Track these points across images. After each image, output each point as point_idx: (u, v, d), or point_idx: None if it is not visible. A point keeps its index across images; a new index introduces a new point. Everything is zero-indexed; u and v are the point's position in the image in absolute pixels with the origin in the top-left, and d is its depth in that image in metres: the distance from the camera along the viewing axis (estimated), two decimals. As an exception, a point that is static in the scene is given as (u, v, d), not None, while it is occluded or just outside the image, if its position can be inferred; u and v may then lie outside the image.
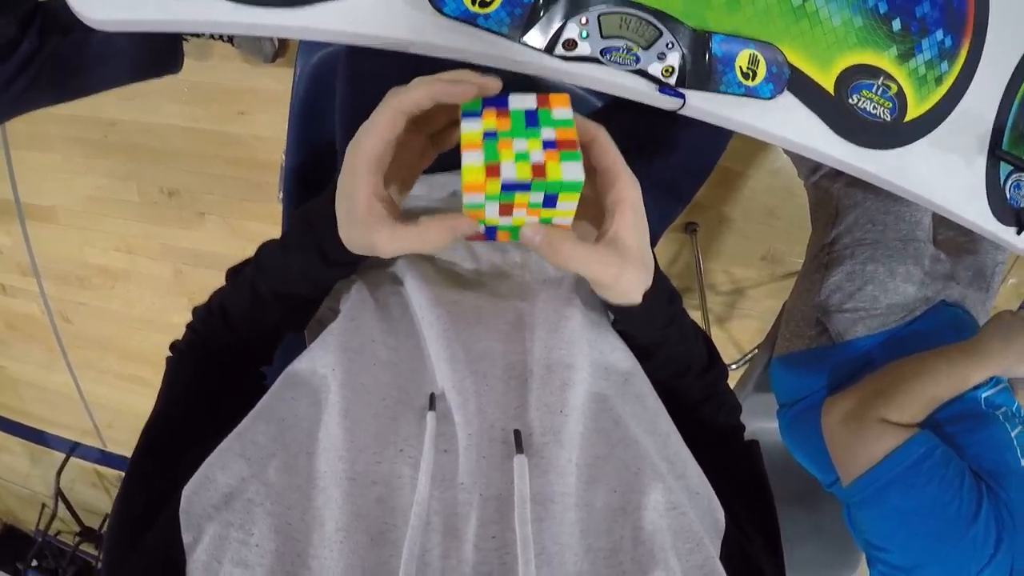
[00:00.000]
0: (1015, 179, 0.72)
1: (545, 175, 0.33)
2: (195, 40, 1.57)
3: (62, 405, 2.66)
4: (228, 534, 0.32)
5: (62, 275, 2.25)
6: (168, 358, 0.50)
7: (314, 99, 0.83)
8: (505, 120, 0.35)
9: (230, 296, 0.50)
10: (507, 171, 0.33)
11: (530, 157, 0.33)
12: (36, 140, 1.92)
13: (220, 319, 0.49)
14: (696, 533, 0.34)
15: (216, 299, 0.50)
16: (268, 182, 1.84)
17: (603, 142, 0.37)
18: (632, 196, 0.37)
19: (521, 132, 0.34)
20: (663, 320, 0.46)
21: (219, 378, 0.49)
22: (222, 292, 0.50)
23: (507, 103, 0.36)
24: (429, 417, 0.37)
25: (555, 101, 0.36)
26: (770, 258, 1.80)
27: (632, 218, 0.37)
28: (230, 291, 0.50)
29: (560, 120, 0.35)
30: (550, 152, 0.34)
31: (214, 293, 0.51)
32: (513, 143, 0.34)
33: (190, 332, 0.51)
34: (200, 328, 0.51)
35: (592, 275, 0.38)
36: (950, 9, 0.59)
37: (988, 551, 0.72)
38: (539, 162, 0.33)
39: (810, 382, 1.03)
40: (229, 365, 0.50)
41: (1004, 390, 0.93)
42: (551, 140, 0.34)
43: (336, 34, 0.50)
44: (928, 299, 1.00)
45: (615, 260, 0.37)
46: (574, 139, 0.34)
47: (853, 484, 0.84)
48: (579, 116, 0.37)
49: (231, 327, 0.49)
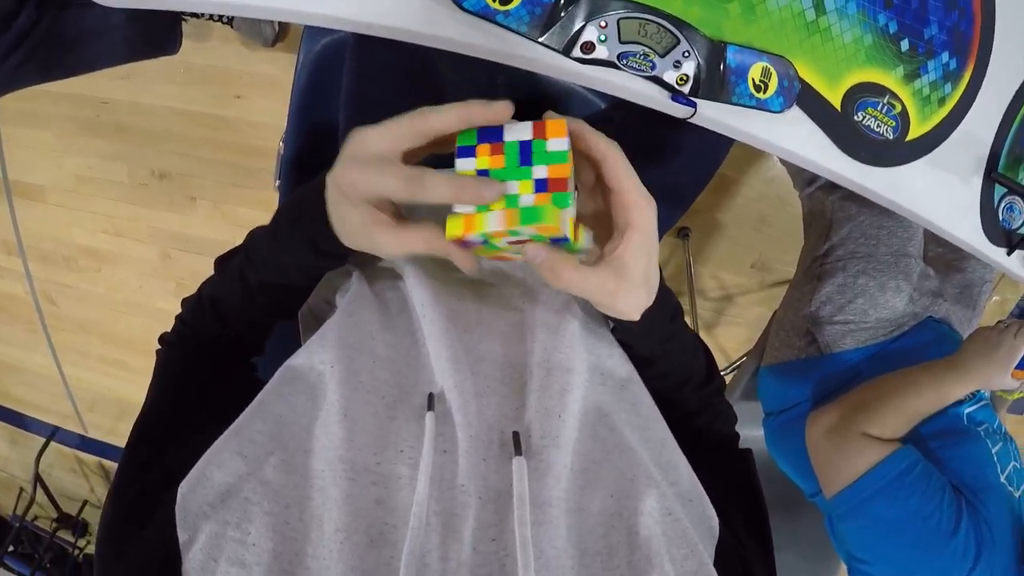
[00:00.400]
0: (1008, 201, 0.74)
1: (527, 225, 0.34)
2: (194, 21, 1.55)
3: (43, 388, 2.61)
4: (225, 533, 0.31)
5: (48, 255, 2.20)
6: (158, 351, 0.49)
7: (317, 87, 0.82)
8: (499, 157, 0.35)
9: (219, 287, 0.49)
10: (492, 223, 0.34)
11: (519, 201, 0.34)
12: (27, 117, 1.88)
13: (210, 311, 0.48)
14: (690, 539, 0.35)
15: (206, 290, 0.49)
16: (261, 168, 1.82)
17: (614, 162, 0.36)
18: (642, 221, 0.37)
19: (514, 171, 0.35)
20: (662, 335, 0.46)
21: (210, 368, 0.49)
22: (211, 283, 0.50)
23: (502, 135, 0.35)
24: (428, 418, 0.37)
25: (551, 130, 0.35)
26: (760, 266, 1.82)
27: (639, 241, 0.37)
28: (219, 282, 0.49)
29: (555, 154, 0.35)
30: (540, 196, 0.34)
31: (203, 283, 0.50)
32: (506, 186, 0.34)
33: (179, 324, 0.50)
34: (190, 320, 0.50)
35: (590, 298, 0.38)
36: (957, 32, 0.60)
37: (967, 565, 0.74)
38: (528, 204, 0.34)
39: (797, 392, 1.05)
40: (220, 355, 0.50)
41: (986, 407, 0.95)
42: (543, 179, 0.34)
43: (350, 22, 0.49)
44: (916, 315, 1.02)
45: (612, 285, 0.37)
46: (566, 177, 0.34)
47: (836, 497, 0.85)
48: (592, 133, 0.36)
49: (221, 318, 0.48)
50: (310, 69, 0.81)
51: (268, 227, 0.45)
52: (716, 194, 1.70)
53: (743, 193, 1.69)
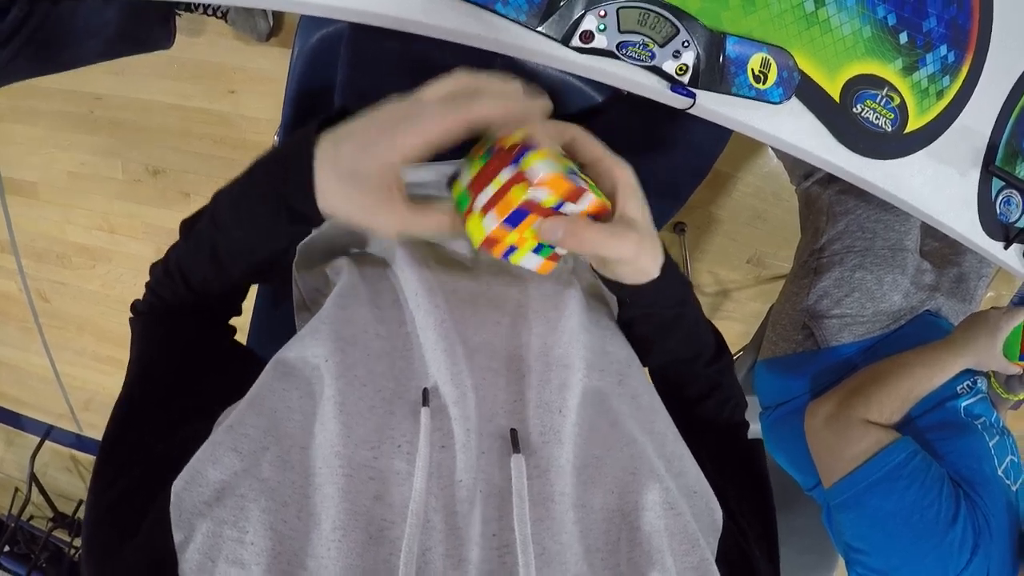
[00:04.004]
0: (1006, 194, 0.74)
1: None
2: (188, 15, 1.54)
3: (37, 387, 2.59)
4: (222, 532, 0.30)
5: (42, 253, 2.18)
6: (131, 319, 0.48)
7: (311, 79, 0.81)
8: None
9: (187, 257, 0.46)
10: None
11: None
12: (19, 113, 1.86)
13: (180, 279, 0.46)
14: (692, 534, 0.35)
15: (173, 259, 0.47)
16: (256, 164, 1.81)
17: (581, 138, 0.39)
18: (626, 176, 0.39)
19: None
20: (679, 295, 0.46)
21: (185, 335, 0.47)
22: (178, 250, 0.47)
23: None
24: (423, 413, 0.36)
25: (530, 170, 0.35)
26: (755, 261, 1.82)
27: (633, 195, 0.39)
28: (187, 249, 0.46)
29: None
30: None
31: (170, 249, 0.47)
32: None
33: (149, 293, 0.48)
34: (158, 288, 0.48)
35: (615, 253, 0.38)
36: (955, 26, 0.60)
37: (965, 556, 0.74)
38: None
39: (794, 386, 1.05)
40: (195, 322, 0.48)
41: (983, 400, 0.95)
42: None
43: (349, 11, 0.49)
44: (913, 308, 1.02)
45: (632, 235, 0.38)
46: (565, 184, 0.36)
47: (834, 486, 0.86)
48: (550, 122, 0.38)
49: (191, 288, 0.46)
50: (305, 63, 0.80)
51: (234, 189, 0.43)
52: (712, 190, 1.70)
53: (739, 188, 1.69)
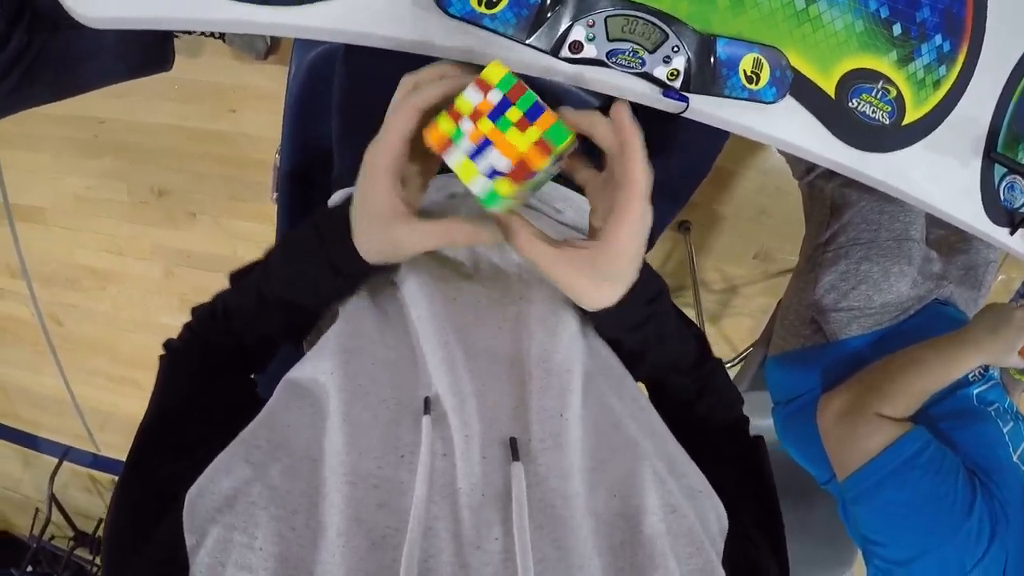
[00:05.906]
0: (1009, 181, 0.73)
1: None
2: (186, 37, 1.55)
3: (53, 408, 2.62)
4: (231, 537, 0.32)
5: (51, 276, 2.21)
6: (161, 356, 0.49)
7: (310, 97, 0.82)
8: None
9: (234, 299, 0.50)
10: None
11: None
12: (25, 139, 1.89)
13: (223, 321, 0.49)
14: (696, 536, 0.35)
15: (220, 301, 0.50)
16: (259, 181, 1.82)
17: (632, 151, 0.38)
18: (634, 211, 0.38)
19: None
20: (635, 321, 0.46)
21: (214, 378, 0.49)
22: (225, 295, 0.50)
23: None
24: (425, 422, 0.37)
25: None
26: (762, 256, 1.81)
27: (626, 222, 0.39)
28: (234, 294, 0.50)
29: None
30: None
31: (216, 295, 0.51)
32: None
33: (188, 332, 0.51)
34: (199, 329, 0.50)
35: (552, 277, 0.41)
36: (949, 14, 0.59)
37: (983, 545, 0.73)
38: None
39: (805, 380, 1.04)
40: (225, 366, 0.50)
41: (996, 387, 0.94)
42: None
43: (339, 33, 0.49)
44: (921, 298, 1.01)
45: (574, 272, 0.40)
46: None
47: (849, 479, 0.85)
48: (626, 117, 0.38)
49: (232, 331, 0.49)
50: (302, 80, 0.81)
51: (287, 246, 0.48)
52: (715, 187, 1.69)
53: (742, 185, 1.68)
